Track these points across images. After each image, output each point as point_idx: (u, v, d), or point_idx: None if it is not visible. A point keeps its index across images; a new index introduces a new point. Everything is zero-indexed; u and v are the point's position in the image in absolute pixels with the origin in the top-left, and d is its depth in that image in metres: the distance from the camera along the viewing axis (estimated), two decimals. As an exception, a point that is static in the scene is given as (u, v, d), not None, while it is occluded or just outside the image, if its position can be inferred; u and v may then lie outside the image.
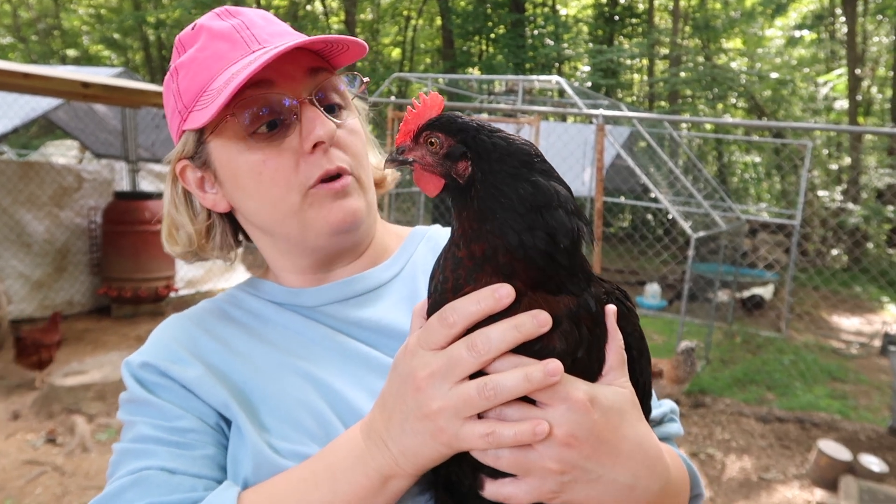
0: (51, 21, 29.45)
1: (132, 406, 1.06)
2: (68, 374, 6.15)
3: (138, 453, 0.99)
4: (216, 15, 1.10)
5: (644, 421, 0.88)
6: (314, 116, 1.03)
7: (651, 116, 11.86)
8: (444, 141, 0.87)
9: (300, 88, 1.05)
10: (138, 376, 1.08)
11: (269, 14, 1.13)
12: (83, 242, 9.46)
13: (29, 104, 9.57)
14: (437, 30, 27.58)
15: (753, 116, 21.53)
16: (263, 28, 1.08)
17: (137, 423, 1.03)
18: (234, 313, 1.17)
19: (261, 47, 1.03)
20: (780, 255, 13.10)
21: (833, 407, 7.06)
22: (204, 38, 1.07)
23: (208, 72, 1.04)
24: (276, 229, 1.11)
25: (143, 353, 1.10)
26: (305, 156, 1.04)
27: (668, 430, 1.16)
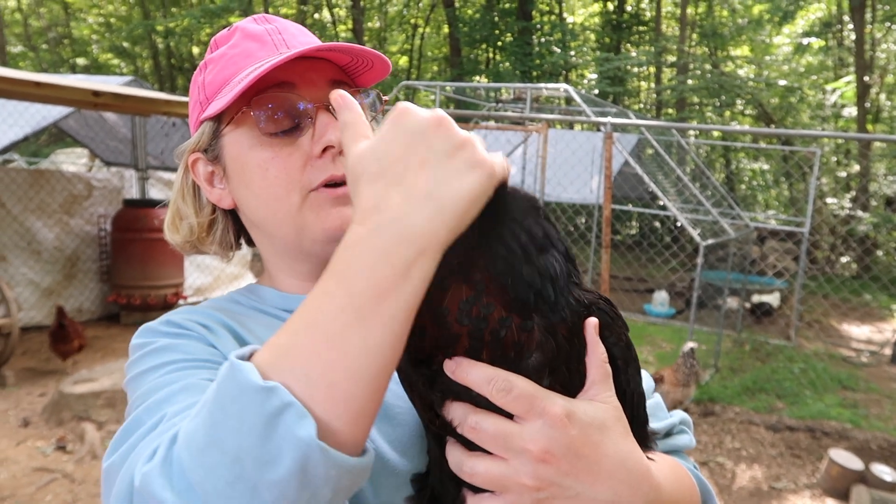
0: (61, 30, 29.70)
1: (154, 354, 0.95)
2: (78, 381, 6.17)
3: (174, 379, 0.88)
4: (253, 19, 1.13)
5: (630, 437, 0.84)
6: (328, 122, 1.04)
7: (659, 124, 11.86)
8: None
9: (320, 95, 1.06)
10: (160, 331, 1.00)
11: (304, 28, 1.16)
12: (93, 250, 9.51)
13: (40, 112, 9.63)
14: (445, 38, 27.67)
15: (761, 124, 21.49)
16: (295, 36, 1.12)
17: (162, 365, 0.92)
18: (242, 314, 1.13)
19: (289, 51, 1.05)
20: (789, 262, 13.04)
21: (844, 416, 7.01)
22: (237, 38, 1.10)
23: (234, 66, 1.07)
24: (274, 230, 1.10)
25: (161, 320, 1.03)
26: (314, 159, 1.05)
27: (677, 443, 1.13)
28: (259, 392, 0.66)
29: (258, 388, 0.67)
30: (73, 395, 5.91)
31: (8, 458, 5.27)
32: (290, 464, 0.65)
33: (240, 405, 0.67)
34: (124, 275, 9.15)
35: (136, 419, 0.81)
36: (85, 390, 5.96)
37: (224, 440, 0.66)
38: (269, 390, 0.66)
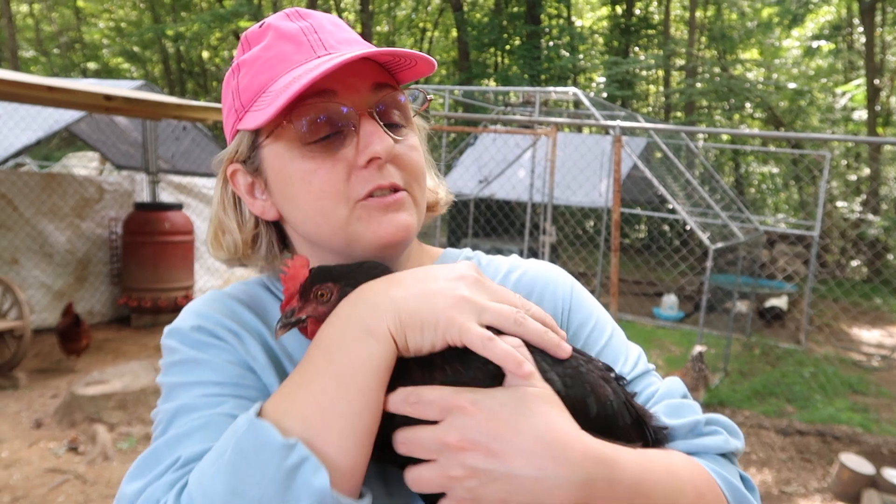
0: (72, 34, 29.91)
1: (183, 367, 1.01)
2: (89, 383, 6.21)
3: (199, 406, 0.95)
4: (286, 15, 1.08)
5: (556, 411, 0.85)
6: (373, 130, 1.00)
7: (668, 127, 11.84)
8: (333, 288, 0.95)
9: (362, 101, 1.02)
10: (190, 338, 1.03)
11: (340, 20, 1.11)
12: (104, 253, 9.57)
13: (52, 117, 9.70)
14: (453, 42, 27.72)
15: (771, 127, 21.44)
16: (332, 34, 1.06)
17: (195, 385, 0.98)
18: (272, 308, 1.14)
19: (326, 53, 1.01)
20: (798, 266, 13.00)
21: (854, 420, 6.98)
22: (270, 37, 1.05)
23: (270, 72, 1.03)
24: (323, 242, 1.09)
25: (190, 319, 1.06)
26: (359, 170, 1.01)
27: (703, 443, 1.03)
28: (282, 447, 0.79)
29: (281, 444, 0.79)
30: (85, 397, 5.95)
31: (21, 458, 5.31)
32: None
33: (262, 458, 0.79)
34: (135, 278, 9.21)
35: (155, 452, 0.91)
36: (96, 392, 6.00)
37: (246, 490, 0.77)
38: (290, 446, 0.79)
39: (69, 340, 7.37)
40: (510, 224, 13.36)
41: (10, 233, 8.42)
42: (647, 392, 1.11)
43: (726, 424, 1.07)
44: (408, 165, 1.06)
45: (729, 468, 1.03)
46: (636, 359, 1.16)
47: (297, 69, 1.00)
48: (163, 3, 27.40)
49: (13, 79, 6.52)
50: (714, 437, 1.04)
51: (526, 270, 1.24)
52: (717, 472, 0.99)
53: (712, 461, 1.02)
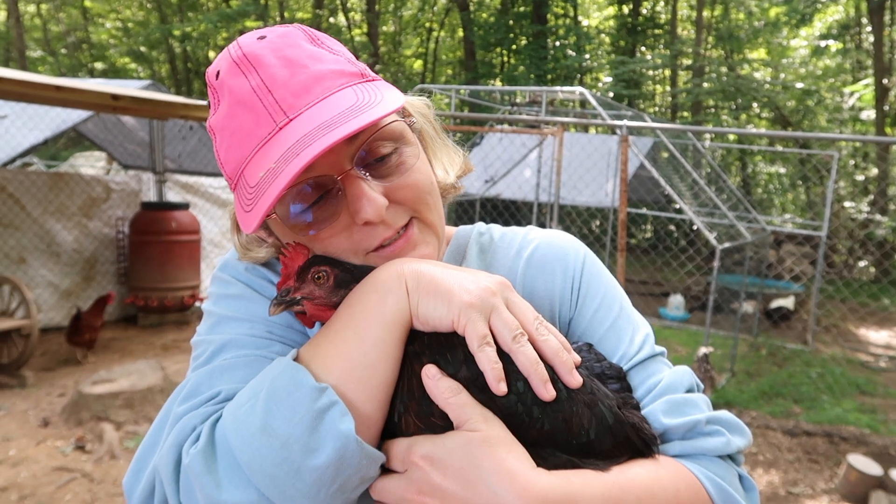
0: (80, 35, 30.02)
1: (236, 301, 1.08)
2: (96, 382, 6.23)
3: (247, 344, 1.02)
4: (235, 66, 0.99)
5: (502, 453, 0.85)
6: (359, 194, 0.96)
7: (675, 127, 11.82)
8: (330, 272, 0.97)
9: (341, 159, 0.97)
10: (245, 276, 1.11)
11: (291, 44, 1.01)
12: (111, 252, 9.60)
13: (60, 116, 9.74)
14: (459, 41, 27.72)
15: (778, 127, 21.36)
16: (287, 85, 0.96)
17: (241, 320, 1.05)
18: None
19: (287, 119, 0.94)
20: (806, 266, 12.96)
21: (862, 421, 6.95)
22: (228, 102, 0.99)
23: (240, 150, 0.98)
24: None
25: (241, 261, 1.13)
26: (358, 227, 1.00)
27: (702, 445, 1.00)
28: (313, 390, 0.84)
29: (313, 387, 0.84)
30: (92, 396, 5.97)
31: (28, 457, 5.33)
32: (330, 452, 0.82)
33: (294, 399, 0.83)
34: (142, 277, 9.24)
35: (197, 383, 0.97)
36: (103, 391, 6.02)
37: (276, 428, 0.82)
38: (321, 390, 0.84)
39: (72, 334, 7.59)
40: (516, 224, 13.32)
41: (18, 232, 8.45)
42: (648, 383, 1.07)
43: (729, 422, 1.04)
44: (408, 197, 1.02)
45: (728, 470, 1.01)
46: (641, 341, 1.13)
47: (263, 151, 0.95)
48: (170, 3, 27.49)
49: (21, 78, 6.55)
50: (714, 438, 1.01)
51: (538, 246, 1.23)
52: (710, 478, 0.97)
53: (710, 464, 1.00)
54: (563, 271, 1.19)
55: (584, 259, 1.21)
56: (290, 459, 0.82)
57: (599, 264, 1.24)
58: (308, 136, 0.90)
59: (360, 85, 1.00)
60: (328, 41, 1.06)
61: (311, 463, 0.82)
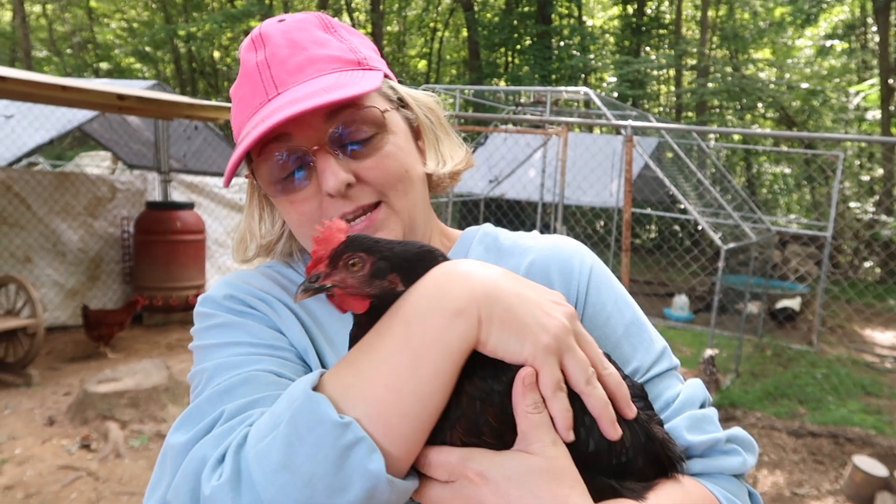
0: (85, 35, 30.09)
1: (219, 330, 1.07)
2: (102, 381, 6.25)
3: (237, 363, 0.99)
4: (251, 42, 1.13)
5: (565, 489, 0.82)
6: (324, 168, 1.04)
7: (680, 127, 11.80)
8: (367, 259, 0.87)
9: (316, 136, 1.05)
10: (225, 305, 1.10)
11: (303, 28, 1.12)
12: (116, 252, 9.62)
13: (65, 116, 9.76)
14: (464, 41, 27.72)
15: (783, 127, 21.32)
16: (285, 63, 1.07)
17: (232, 344, 1.03)
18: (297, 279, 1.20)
19: (276, 93, 1.06)
20: (811, 267, 12.92)
21: (867, 422, 6.93)
22: (240, 73, 1.13)
23: (240, 116, 1.11)
24: None
25: (222, 289, 1.13)
26: (326, 199, 1.06)
27: (721, 464, 1.02)
28: (336, 426, 0.78)
29: (335, 423, 0.78)
30: (98, 395, 5.98)
31: (34, 455, 5.35)
32: (358, 492, 0.77)
33: (316, 435, 0.78)
34: (147, 276, 9.26)
35: (198, 408, 0.93)
36: (109, 390, 6.03)
37: (299, 465, 0.77)
38: (345, 426, 0.78)
39: (86, 329, 7.88)
40: (521, 224, 13.34)
41: (24, 231, 8.48)
42: (666, 395, 1.08)
43: (745, 441, 1.06)
44: (377, 179, 1.07)
45: (741, 488, 1.03)
46: (658, 354, 1.13)
47: (252, 118, 1.07)
48: (174, 3, 27.53)
49: (27, 78, 6.57)
50: (732, 457, 1.03)
51: (540, 252, 1.22)
52: (727, 497, 0.99)
53: (726, 483, 1.02)
54: (565, 278, 1.18)
55: (591, 265, 1.21)
56: (315, 499, 0.77)
57: (608, 272, 1.23)
58: (282, 105, 1.01)
59: (351, 71, 1.09)
60: (342, 30, 1.16)
61: (337, 502, 0.77)
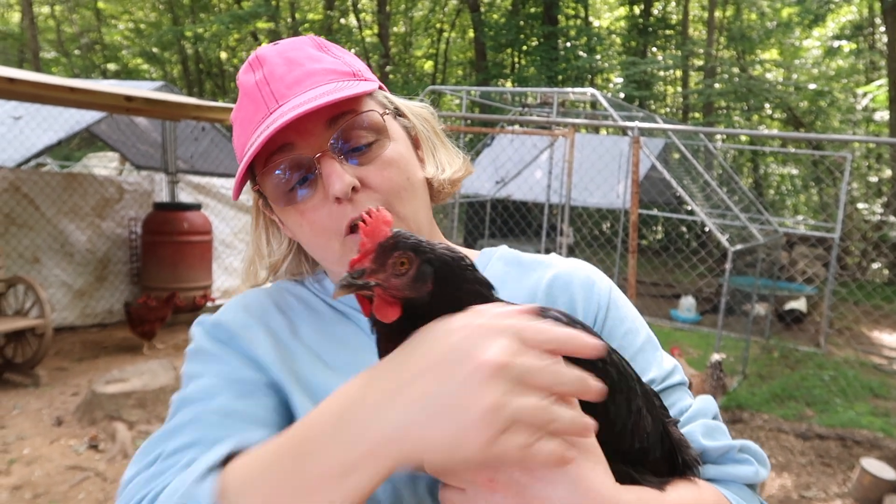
0: (93, 36, 30.22)
1: (198, 358, 1.11)
2: (109, 381, 6.27)
3: (197, 398, 1.03)
4: (248, 66, 1.15)
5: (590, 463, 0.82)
6: (330, 172, 1.05)
7: (687, 128, 11.78)
8: (414, 260, 0.80)
9: (318, 142, 1.07)
10: (210, 332, 1.13)
11: (297, 48, 1.15)
12: (123, 252, 9.66)
13: (73, 117, 9.81)
14: (470, 42, 27.71)
15: (790, 128, 21.24)
16: (283, 78, 1.09)
17: (201, 376, 1.06)
18: (310, 298, 1.22)
19: (277, 106, 1.07)
20: (819, 268, 12.87)
21: (875, 424, 6.90)
22: (240, 95, 1.14)
23: (244, 135, 1.11)
24: (331, 267, 1.17)
25: (217, 315, 1.16)
26: (334, 205, 1.07)
27: (734, 472, 1.03)
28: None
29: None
30: (105, 395, 6.01)
31: (42, 455, 5.37)
32: None
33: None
34: (154, 277, 9.28)
35: (149, 444, 0.99)
36: (116, 390, 6.06)
37: None
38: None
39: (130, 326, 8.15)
40: (527, 225, 13.34)
41: (32, 232, 8.52)
42: (679, 405, 1.11)
43: (757, 453, 1.06)
44: (381, 185, 1.09)
45: (753, 499, 1.04)
46: (671, 370, 1.16)
47: (256, 132, 1.07)
48: (182, 4, 27.63)
49: (36, 80, 6.60)
50: (746, 466, 1.04)
51: (562, 269, 1.24)
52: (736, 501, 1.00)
53: (739, 491, 1.02)
54: (586, 293, 1.20)
55: (610, 286, 1.25)
56: None
57: (624, 295, 1.27)
58: (281, 115, 1.03)
59: (348, 80, 1.11)
60: (334, 49, 1.19)
61: None
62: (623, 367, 0.92)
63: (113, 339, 8.67)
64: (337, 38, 25.62)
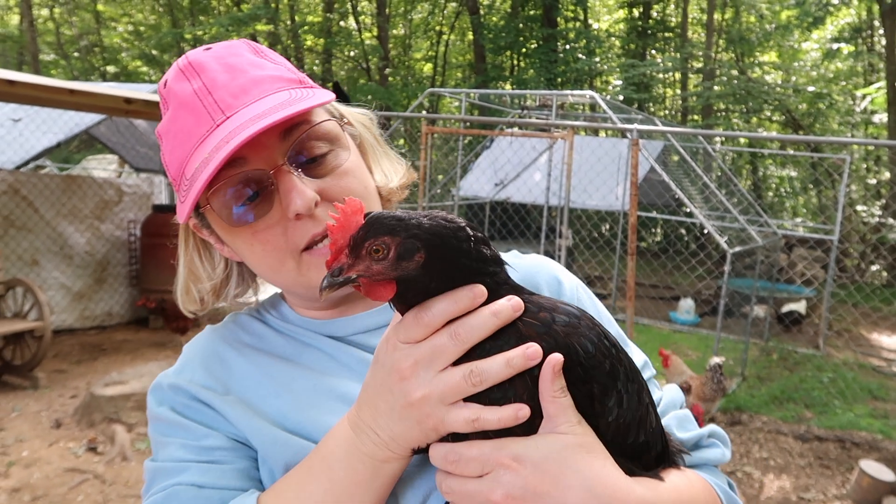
0: (92, 38, 30.22)
1: (162, 426, 1.09)
2: (108, 383, 6.27)
3: (169, 471, 1.03)
4: (180, 72, 1.06)
5: (600, 459, 0.84)
6: (290, 187, 1.00)
7: (686, 131, 11.79)
8: (391, 242, 0.81)
9: (275, 155, 1.02)
10: (167, 398, 1.10)
11: (235, 53, 1.08)
12: (122, 255, 9.66)
13: (73, 119, 9.82)
14: (469, 45, 27.74)
15: (789, 130, 21.26)
16: (226, 87, 1.02)
17: (168, 444, 1.06)
18: (266, 333, 1.18)
19: (225, 117, 1.00)
20: (817, 270, 12.88)
21: (874, 426, 6.90)
22: (172, 106, 1.05)
23: (182, 149, 1.03)
24: (285, 288, 1.15)
25: (172, 375, 1.13)
26: (292, 222, 1.03)
27: (707, 456, 1.10)
28: None
29: None
30: (104, 398, 6.00)
31: (41, 458, 5.37)
32: None
33: None
34: (153, 279, 9.28)
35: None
36: (115, 392, 6.05)
37: None
38: None
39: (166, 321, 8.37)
40: (526, 227, 13.33)
41: (31, 234, 8.52)
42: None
43: (723, 437, 1.16)
44: (341, 196, 1.01)
45: (722, 477, 1.11)
46: (642, 364, 1.17)
47: (202, 146, 1.00)
48: (181, 7, 27.64)
49: (36, 82, 6.60)
50: (714, 450, 1.12)
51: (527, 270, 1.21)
52: (718, 484, 1.06)
53: (709, 472, 1.09)
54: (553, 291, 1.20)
55: (577, 283, 1.25)
56: None
57: (590, 291, 1.28)
58: (239, 127, 0.95)
59: (297, 89, 1.05)
60: (271, 54, 1.13)
61: None
62: (631, 362, 0.94)
63: (112, 342, 8.67)
64: (336, 42, 25.64)
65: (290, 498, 0.94)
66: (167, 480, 1.02)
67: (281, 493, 0.97)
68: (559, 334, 0.84)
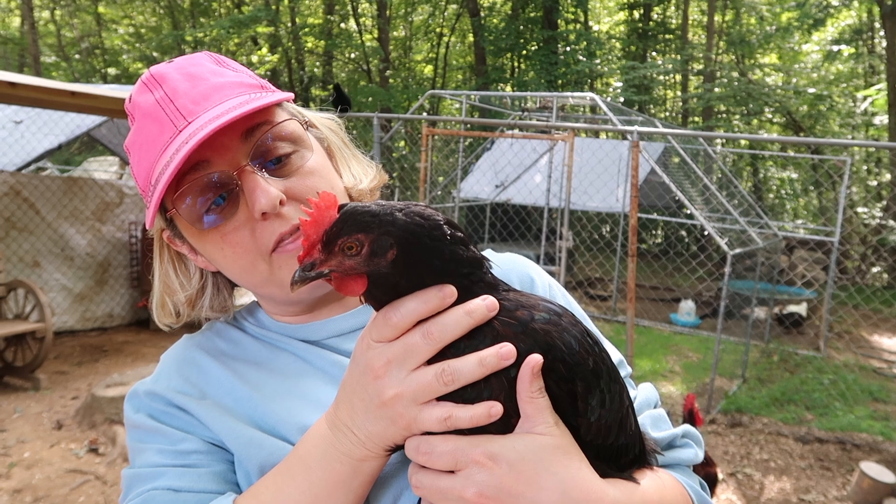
0: (93, 40, 30.25)
1: (139, 433, 1.10)
2: (109, 385, 6.28)
3: (145, 477, 1.04)
4: (143, 85, 1.07)
5: (575, 462, 0.84)
6: (254, 186, 1.01)
7: (686, 132, 11.80)
8: (365, 239, 0.81)
9: (238, 156, 1.03)
10: (144, 405, 1.11)
11: (195, 63, 1.10)
12: (123, 256, 9.67)
13: (74, 121, 9.83)
14: (470, 46, 27.75)
15: (790, 132, 21.27)
16: (188, 94, 1.03)
17: (145, 450, 1.07)
18: (242, 339, 1.20)
19: (187, 123, 1.00)
20: (818, 272, 12.89)
21: (875, 428, 6.90)
22: (137, 118, 1.07)
23: (148, 159, 1.04)
24: (259, 292, 1.15)
25: (149, 382, 1.14)
26: (259, 222, 1.03)
27: (679, 457, 1.11)
28: None
29: None
30: (105, 399, 6.01)
31: (42, 459, 5.37)
32: None
33: None
34: (154, 281, 9.28)
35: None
36: (116, 394, 6.06)
37: None
38: None
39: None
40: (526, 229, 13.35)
41: (32, 236, 8.53)
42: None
43: (695, 436, 1.17)
44: (307, 195, 1.05)
45: (694, 477, 1.13)
46: (618, 361, 1.17)
47: (165, 152, 1.01)
48: (182, 8, 27.67)
49: (37, 84, 6.61)
50: (687, 450, 1.13)
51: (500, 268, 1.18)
52: (690, 484, 1.07)
53: (682, 472, 1.10)
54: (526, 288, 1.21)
55: (550, 281, 1.27)
56: None
57: (563, 288, 1.30)
58: (198, 129, 0.97)
59: (257, 92, 1.07)
60: (232, 64, 1.14)
61: None
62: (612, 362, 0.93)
63: (113, 343, 8.68)
64: (337, 44, 25.66)
65: (268, 500, 0.94)
66: (143, 486, 1.03)
67: (258, 495, 0.96)
68: (538, 332, 0.83)
